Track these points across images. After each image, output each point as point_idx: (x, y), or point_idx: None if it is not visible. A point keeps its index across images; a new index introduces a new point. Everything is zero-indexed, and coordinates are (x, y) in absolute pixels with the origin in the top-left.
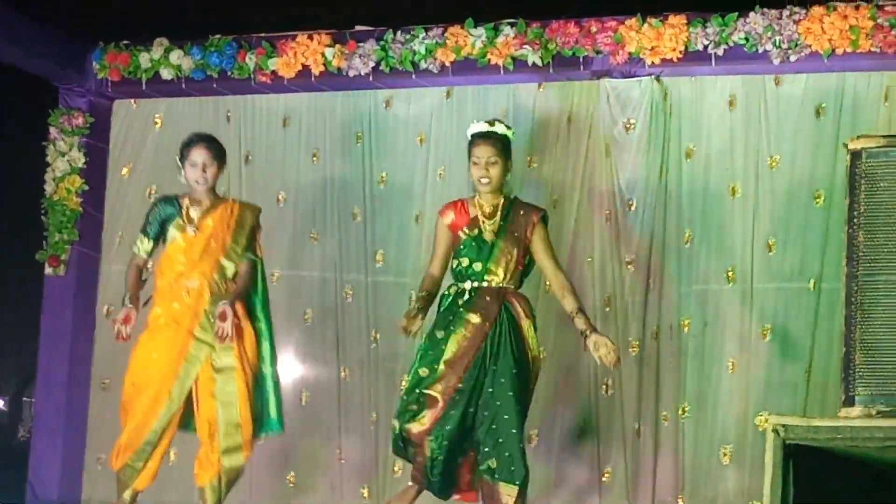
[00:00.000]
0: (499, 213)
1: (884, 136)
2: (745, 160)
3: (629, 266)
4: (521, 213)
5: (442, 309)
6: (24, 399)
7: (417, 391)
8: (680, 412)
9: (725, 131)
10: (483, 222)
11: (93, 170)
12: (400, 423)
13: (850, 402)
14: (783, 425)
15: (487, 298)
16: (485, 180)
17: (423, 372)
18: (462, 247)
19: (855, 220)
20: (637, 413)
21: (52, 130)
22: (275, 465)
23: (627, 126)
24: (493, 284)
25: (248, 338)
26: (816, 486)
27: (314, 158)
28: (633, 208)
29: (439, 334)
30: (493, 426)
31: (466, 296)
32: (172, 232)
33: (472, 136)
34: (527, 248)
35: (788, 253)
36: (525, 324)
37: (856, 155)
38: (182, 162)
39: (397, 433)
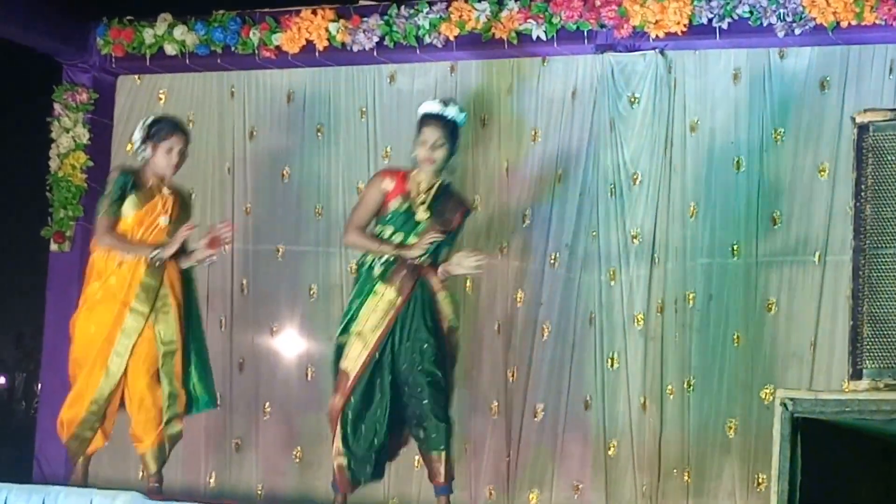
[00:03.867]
0: (432, 192)
1: (891, 110)
2: (749, 134)
3: (634, 240)
4: (452, 200)
5: (360, 277)
6: (29, 376)
7: (339, 367)
8: (685, 386)
9: (730, 105)
10: (415, 198)
11: (97, 146)
12: None
13: (857, 375)
14: (791, 398)
15: (403, 272)
16: (429, 163)
17: (342, 339)
18: (388, 216)
19: (862, 194)
20: (642, 387)
21: (57, 107)
22: (281, 441)
23: (632, 100)
24: (410, 259)
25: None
26: (824, 460)
27: (318, 134)
28: (637, 182)
29: (354, 303)
30: (413, 398)
31: (382, 267)
32: (128, 205)
33: (423, 115)
34: (446, 234)
35: (793, 226)
36: (441, 296)
37: (863, 128)
38: (154, 142)
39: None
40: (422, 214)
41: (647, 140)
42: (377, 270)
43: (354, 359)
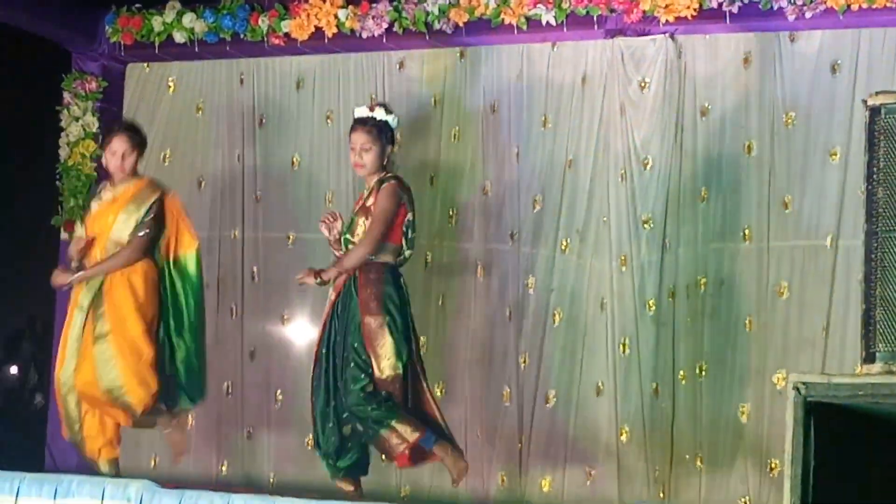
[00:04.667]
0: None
1: None
2: (760, 118)
3: (645, 225)
4: (379, 193)
5: None
6: (39, 366)
7: None
8: (697, 371)
9: (740, 89)
10: (357, 206)
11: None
12: None
13: (870, 358)
14: (804, 383)
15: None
16: (358, 167)
17: None
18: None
19: (874, 177)
20: (654, 372)
21: (66, 95)
22: (292, 428)
23: (642, 85)
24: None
25: (127, 304)
26: (837, 444)
27: (328, 121)
28: (648, 167)
29: None
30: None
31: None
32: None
33: (353, 121)
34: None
35: (805, 210)
36: (365, 291)
37: (875, 111)
38: (102, 146)
39: None
40: (354, 214)
41: (658, 125)
42: None
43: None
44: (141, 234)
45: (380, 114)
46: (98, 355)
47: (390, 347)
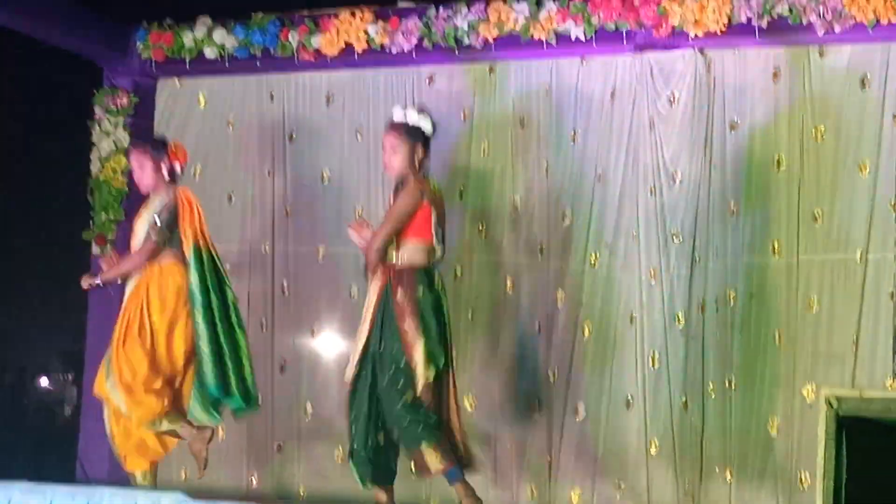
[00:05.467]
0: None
1: None
2: (789, 132)
3: (674, 239)
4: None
5: None
6: (70, 379)
7: None
8: (727, 384)
9: (770, 103)
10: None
11: None
12: None
13: None
14: (836, 397)
15: (380, 273)
16: (388, 168)
17: None
18: None
19: None
20: (684, 385)
21: (97, 110)
22: (322, 441)
23: (671, 99)
24: (388, 260)
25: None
26: (868, 459)
27: (358, 136)
28: (677, 181)
29: None
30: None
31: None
32: None
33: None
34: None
35: (834, 224)
36: (401, 294)
37: None
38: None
39: None
40: None
41: (687, 139)
42: None
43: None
44: (151, 235)
45: (412, 117)
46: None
47: (424, 353)
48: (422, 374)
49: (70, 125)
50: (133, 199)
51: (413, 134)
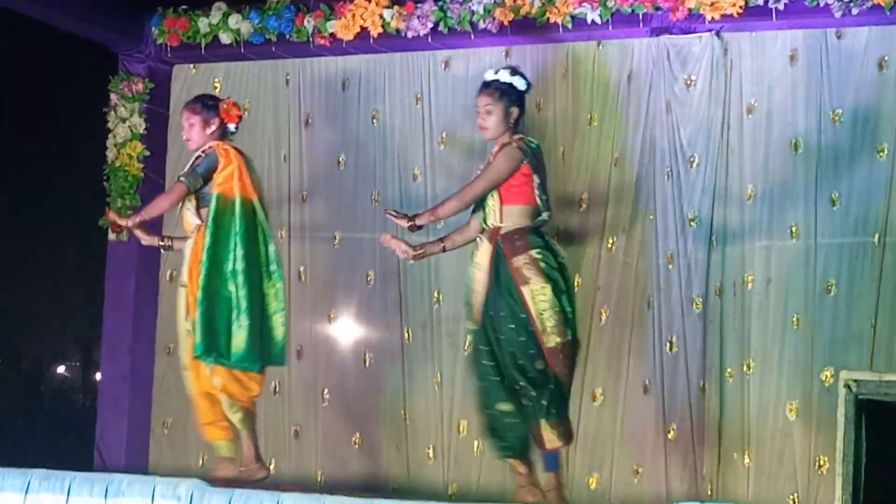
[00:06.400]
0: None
1: None
2: (806, 115)
3: (692, 223)
4: (501, 156)
5: None
6: (87, 366)
7: None
8: (745, 368)
9: (787, 86)
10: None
11: (153, 135)
12: None
13: None
14: (855, 380)
15: (486, 241)
16: (482, 129)
17: None
18: None
19: None
20: (701, 370)
21: (113, 97)
22: (340, 427)
23: (688, 83)
24: (490, 225)
25: (194, 271)
26: (888, 441)
27: (374, 120)
28: (694, 165)
29: None
30: (505, 366)
31: (478, 243)
32: None
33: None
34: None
35: (852, 207)
36: (517, 259)
37: None
38: None
39: None
40: None
41: (704, 123)
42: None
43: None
44: (181, 178)
45: (504, 76)
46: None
47: (554, 313)
48: (553, 336)
49: (86, 112)
50: (149, 186)
51: (507, 93)
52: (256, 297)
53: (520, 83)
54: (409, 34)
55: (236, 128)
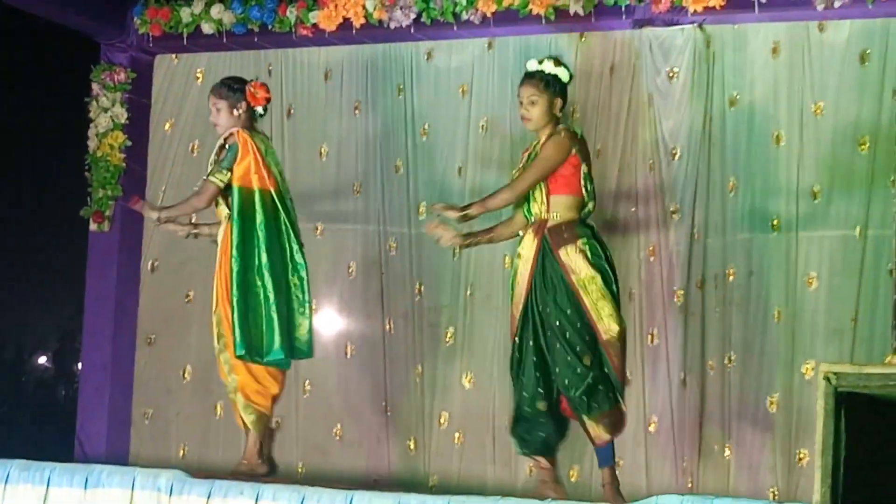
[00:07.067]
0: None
1: None
2: (789, 107)
3: (673, 215)
4: (551, 145)
5: None
6: (68, 356)
7: None
8: (726, 361)
9: (769, 79)
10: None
11: (135, 125)
12: None
13: None
14: (835, 373)
15: (531, 233)
16: (525, 120)
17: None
18: None
19: None
20: (683, 363)
21: (95, 86)
22: (321, 418)
23: (670, 75)
24: (536, 218)
25: (223, 263)
26: (867, 434)
27: (356, 111)
28: (676, 157)
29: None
30: (551, 362)
31: (522, 235)
32: None
33: (523, 75)
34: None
35: (834, 200)
36: (564, 251)
37: None
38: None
39: None
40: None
41: (686, 115)
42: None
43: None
44: (209, 176)
45: (548, 66)
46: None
47: (608, 302)
48: (609, 327)
49: (68, 101)
50: (130, 176)
51: (551, 83)
52: (282, 291)
53: (564, 74)
54: (392, 25)
55: (265, 110)
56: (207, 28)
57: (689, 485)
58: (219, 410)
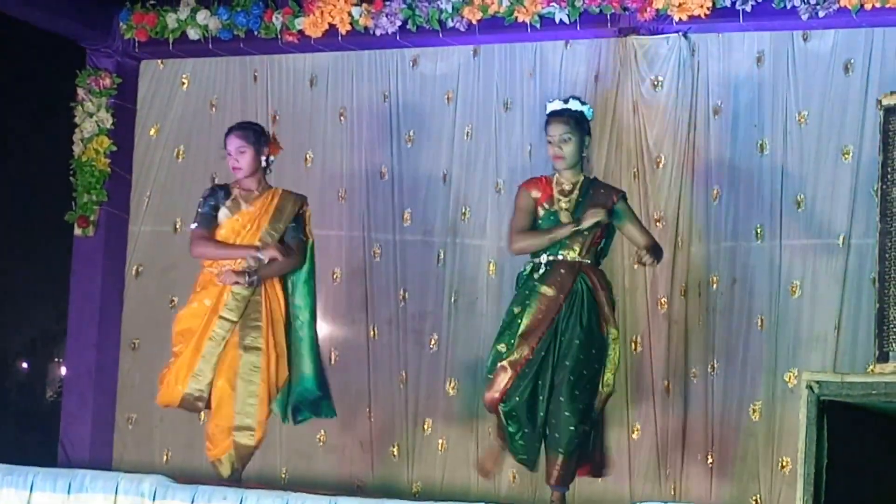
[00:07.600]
0: (577, 190)
1: None
2: (773, 117)
3: (657, 223)
4: (602, 191)
5: (519, 285)
6: (52, 361)
7: (497, 366)
8: (709, 369)
9: (753, 88)
10: (559, 200)
11: (121, 130)
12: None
13: (883, 358)
14: (817, 381)
15: (562, 271)
16: (558, 158)
17: (501, 347)
18: (540, 222)
19: (888, 176)
20: (666, 370)
21: (80, 91)
22: (304, 424)
23: (655, 83)
24: (569, 258)
25: (278, 320)
26: (850, 443)
27: (341, 118)
28: (660, 166)
29: (516, 309)
30: (553, 395)
31: (542, 269)
32: (221, 215)
33: (548, 115)
34: (604, 228)
35: (817, 209)
36: (601, 295)
37: (889, 111)
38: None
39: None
40: (566, 215)
41: (671, 123)
42: (538, 274)
43: (517, 359)
44: (301, 238)
45: (575, 105)
46: (242, 369)
47: (615, 359)
48: (608, 382)
49: (53, 106)
50: (115, 181)
51: (580, 121)
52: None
53: (588, 112)
54: (378, 32)
55: (272, 162)
56: (193, 34)
57: (672, 492)
58: (202, 416)
